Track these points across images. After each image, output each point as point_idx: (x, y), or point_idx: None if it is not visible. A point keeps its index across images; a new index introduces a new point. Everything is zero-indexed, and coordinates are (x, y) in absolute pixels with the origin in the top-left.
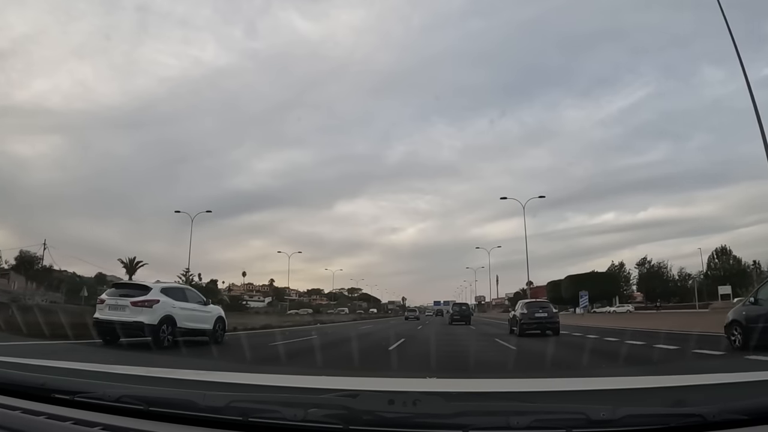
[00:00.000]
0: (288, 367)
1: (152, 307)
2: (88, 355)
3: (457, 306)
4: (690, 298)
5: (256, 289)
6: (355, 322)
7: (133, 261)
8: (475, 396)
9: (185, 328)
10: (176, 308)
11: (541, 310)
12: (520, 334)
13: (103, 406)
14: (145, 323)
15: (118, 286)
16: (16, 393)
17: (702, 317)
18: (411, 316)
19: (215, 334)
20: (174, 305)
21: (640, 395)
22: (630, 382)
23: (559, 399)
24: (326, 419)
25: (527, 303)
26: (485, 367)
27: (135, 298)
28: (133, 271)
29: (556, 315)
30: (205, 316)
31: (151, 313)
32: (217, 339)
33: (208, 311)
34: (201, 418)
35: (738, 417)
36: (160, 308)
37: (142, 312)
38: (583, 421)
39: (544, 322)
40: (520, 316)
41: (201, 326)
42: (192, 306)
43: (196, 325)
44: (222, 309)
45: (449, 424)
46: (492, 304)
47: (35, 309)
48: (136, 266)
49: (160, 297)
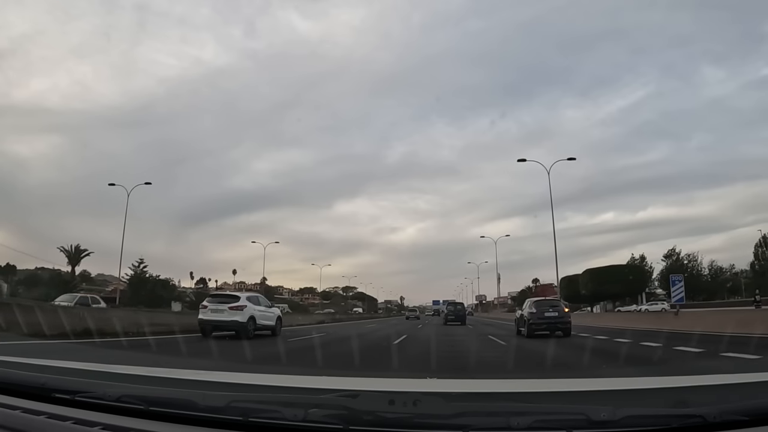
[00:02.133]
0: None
1: (242, 310)
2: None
3: (451, 305)
4: (721, 294)
5: (246, 288)
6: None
7: (77, 250)
8: (475, 396)
9: (260, 325)
10: (255, 310)
11: (551, 309)
12: (529, 335)
13: (103, 405)
14: (239, 321)
15: (214, 296)
16: (16, 392)
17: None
18: (412, 316)
19: (276, 329)
20: (254, 308)
21: (640, 396)
22: (630, 383)
23: (560, 399)
24: (326, 419)
25: (536, 301)
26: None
27: (230, 304)
28: (77, 262)
29: (568, 314)
30: (270, 316)
31: (242, 314)
32: (276, 332)
33: (272, 312)
34: (201, 418)
35: (738, 418)
36: (247, 311)
37: (236, 314)
38: (584, 421)
39: (555, 322)
40: (528, 316)
41: (269, 323)
42: (263, 308)
43: (266, 323)
44: (279, 310)
45: (450, 424)
46: (494, 304)
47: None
48: (81, 255)
49: (246, 303)
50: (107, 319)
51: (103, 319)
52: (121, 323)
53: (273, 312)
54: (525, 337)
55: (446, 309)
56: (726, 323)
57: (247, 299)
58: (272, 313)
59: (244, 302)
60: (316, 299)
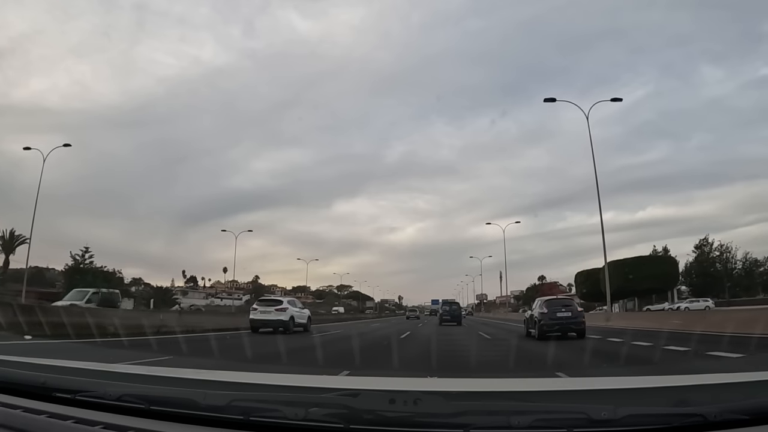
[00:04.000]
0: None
1: (285, 311)
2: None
3: (446, 305)
4: (754, 290)
5: (239, 287)
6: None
7: (12, 235)
8: (476, 395)
9: (297, 323)
10: (294, 311)
11: (564, 309)
12: (540, 337)
13: (104, 404)
14: (283, 320)
15: (262, 300)
16: (17, 392)
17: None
18: (412, 316)
19: (308, 326)
20: (293, 310)
21: (641, 395)
22: (631, 382)
23: (560, 399)
24: (327, 418)
25: (547, 301)
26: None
27: (276, 306)
28: (12, 250)
29: (582, 314)
30: (304, 315)
31: (285, 314)
32: (308, 329)
33: (304, 312)
34: (202, 417)
35: (739, 417)
36: (288, 312)
37: (281, 314)
38: (584, 420)
39: (568, 322)
40: (539, 316)
41: (303, 321)
42: (299, 310)
43: (301, 321)
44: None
45: (450, 423)
46: (497, 303)
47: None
48: (16, 244)
49: (288, 306)
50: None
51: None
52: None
53: (305, 312)
54: (536, 339)
55: (441, 309)
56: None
57: (287, 302)
58: (304, 313)
59: (286, 305)
60: (309, 298)
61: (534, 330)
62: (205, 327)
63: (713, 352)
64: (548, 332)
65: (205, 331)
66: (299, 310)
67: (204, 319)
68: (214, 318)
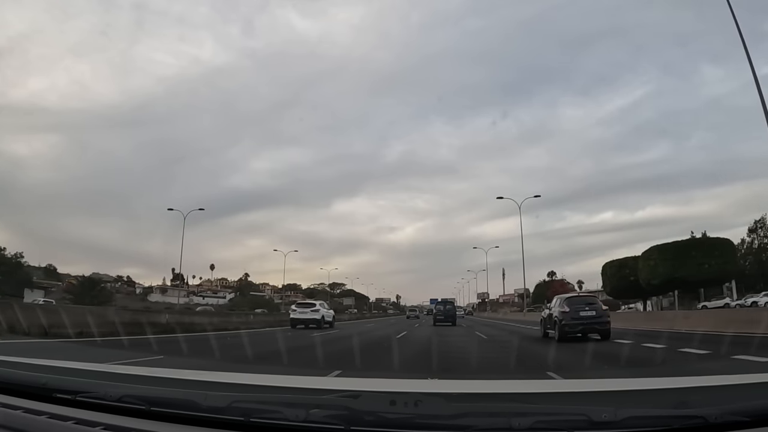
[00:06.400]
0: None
1: (318, 311)
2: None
3: (440, 305)
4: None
5: (226, 285)
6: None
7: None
8: (476, 397)
9: (326, 321)
10: (323, 311)
11: (587, 308)
12: (560, 338)
13: (104, 405)
14: (317, 319)
15: (299, 304)
16: (18, 392)
17: None
18: (412, 315)
19: (333, 323)
20: (323, 310)
21: (641, 397)
22: (631, 384)
23: (561, 400)
24: (328, 420)
25: (569, 298)
26: None
27: (311, 308)
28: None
29: (606, 313)
30: (330, 315)
31: (318, 314)
32: (332, 326)
33: (330, 312)
34: (202, 419)
35: (740, 419)
36: (320, 312)
37: (315, 314)
38: (585, 422)
39: (592, 322)
40: (559, 316)
41: (329, 320)
42: (327, 310)
43: (328, 319)
44: (333, 311)
45: (451, 425)
46: (499, 302)
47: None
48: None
49: (320, 307)
50: None
51: None
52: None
53: (330, 312)
54: (557, 341)
55: (435, 308)
56: None
57: (319, 305)
58: (331, 313)
59: (318, 307)
60: (299, 297)
61: (553, 331)
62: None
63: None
64: (570, 333)
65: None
66: (327, 311)
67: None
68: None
